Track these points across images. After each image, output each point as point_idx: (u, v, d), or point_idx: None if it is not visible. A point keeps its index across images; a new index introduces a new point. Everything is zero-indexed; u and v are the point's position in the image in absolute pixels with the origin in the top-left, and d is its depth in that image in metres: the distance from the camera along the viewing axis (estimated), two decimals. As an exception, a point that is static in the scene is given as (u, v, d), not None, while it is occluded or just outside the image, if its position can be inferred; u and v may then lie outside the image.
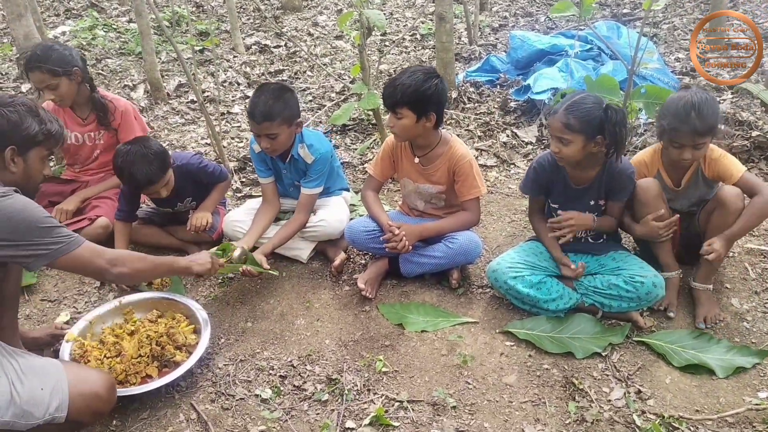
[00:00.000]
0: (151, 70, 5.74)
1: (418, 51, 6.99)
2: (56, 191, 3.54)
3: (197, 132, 5.18)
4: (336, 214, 3.21)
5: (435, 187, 2.97)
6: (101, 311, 2.68)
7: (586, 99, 2.50)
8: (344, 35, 7.58)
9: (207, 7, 8.83)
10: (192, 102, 5.81)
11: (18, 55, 3.49)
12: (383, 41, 7.41)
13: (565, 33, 5.90)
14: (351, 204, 3.53)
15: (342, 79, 5.79)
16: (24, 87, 5.99)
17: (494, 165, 4.30)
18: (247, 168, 4.41)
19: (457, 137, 2.99)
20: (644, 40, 3.61)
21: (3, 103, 2.03)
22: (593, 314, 2.68)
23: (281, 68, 6.69)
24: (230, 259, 2.78)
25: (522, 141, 4.52)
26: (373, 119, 4.73)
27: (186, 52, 6.63)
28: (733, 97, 4.49)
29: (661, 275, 2.63)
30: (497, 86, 5.32)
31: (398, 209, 3.30)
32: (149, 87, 5.92)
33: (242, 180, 4.27)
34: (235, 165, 4.42)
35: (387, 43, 7.34)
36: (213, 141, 4.32)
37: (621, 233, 2.94)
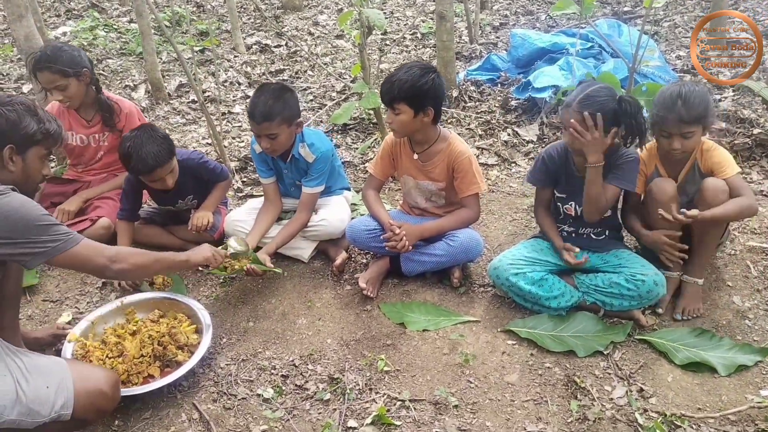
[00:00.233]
0: (152, 71, 5.75)
1: (419, 50, 6.99)
2: (58, 191, 3.55)
3: (198, 132, 5.18)
4: (337, 214, 3.21)
5: (435, 184, 2.96)
6: (103, 311, 2.68)
7: (600, 92, 2.50)
8: (345, 34, 7.57)
9: (207, 7, 8.84)
10: (193, 102, 5.82)
11: (27, 56, 3.49)
12: (384, 40, 7.41)
13: (566, 31, 5.89)
14: (352, 203, 3.53)
15: (343, 79, 5.80)
16: (26, 88, 6.00)
17: (495, 164, 4.30)
18: (248, 168, 4.41)
19: (457, 134, 2.99)
20: (645, 38, 3.61)
21: (1, 102, 2.03)
22: (595, 313, 2.68)
23: (282, 68, 6.69)
24: (230, 257, 2.78)
25: (523, 139, 4.52)
26: (374, 118, 4.73)
27: (186, 52, 6.64)
28: (735, 95, 4.48)
29: (665, 273, 2.64)
30: (498, 85, 5.31)
31: (399, 208, 3.30)
32: (150, 87, 5.93)
33: (243, 180, 4.27)
34: (236, 165, 4.43)
35: (387, 42, 7.34)
36: (214, 141, 4.33)
37: (623, 233, 2.94)
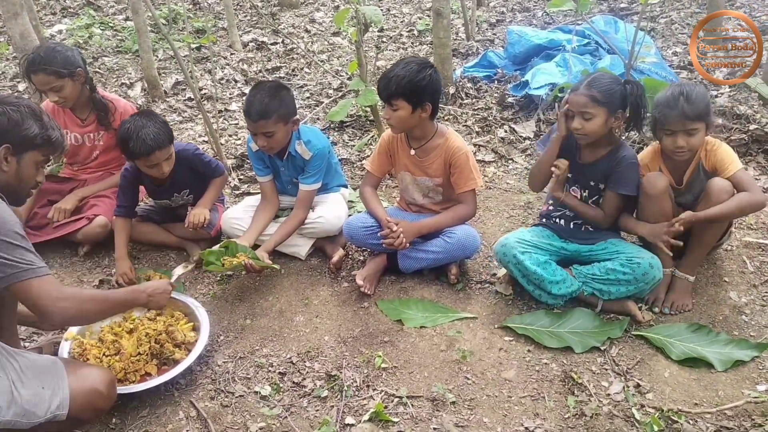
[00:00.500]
0: (148, 68, 5.73)
1: (416, 47, 6.98)
2: (54, 190, 3.54)
3: (195, 130, 5.17)
4: (334, 211, 3.21)
5: (432, 180, 2.96)
6: None
7: (605, 75, 2.61)
8: (341, 32, 7.56)
9: (203, 5, 8.82)
10: (189, 99, 5.81)
11: (20, 58, 3.47)
12: (380, 37, 7.40)
13: (563, 28, 5.90)
14: (349, 200, 3.53)
15: (339, 76, 5.79)
16: (21, 86, 5.98)
17: (492, 160, 4.30)
18: (245, 165, 4.41)
19: (454, 130, 2.99)
20: (641, 35, 3.60)
21: (7, 102, 2.03)
22: (593, 306, 2.69)
23: (278, 65, 6.68)
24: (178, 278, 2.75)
25: (520, 136, 4.52)
26: (371, 115, 4.72)
27: (183, 50, 6.63)
28: (731, 91, 4.49)
29: None
30: (495, 81, 5.31)
31: (396, 205, 3.30)
32: (146, 85, 5.91)
33: (240, 177, 4.27)
34: (233, 162, 4.42)
35: (384, 40, 7.33)
36: (210, 138, 4.32)
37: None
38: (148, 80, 5.82)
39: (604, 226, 2.80)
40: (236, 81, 6.26)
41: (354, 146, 4.62)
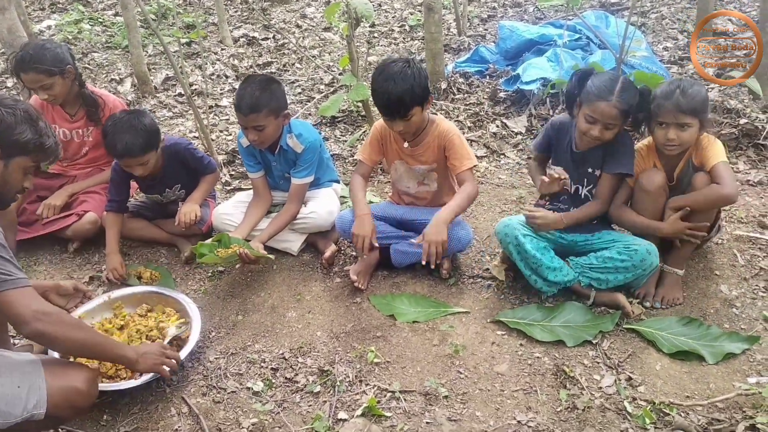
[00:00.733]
0: (138, 64, 5.70)
1: (407, 42, 6.96)
2: (44, 186, 3.50)
3: (185, 125, 5.14)
4: (326, 206, 3.20)
5: (427, 166, 2.95)
6: (90, 306, 2.65)
7: (629, 83, 2.58)
8: (332, 27, 7.53)
9: (194, 0, 8.76)
10: (180, 95, 5.77)
11: (8, 54, 3.44)
12: (372, 32, 7.38)
13: (554, 23, 5.89)
14: (341, 196, 3.52)
15: (331, 71, 5.77)
16: (9, 82, 5.93)
17: (484, 155, 4.29)
18: (236, 161, 4.39)
19: (440, 115, 2.96)
20: (632, 29, 3.61)
21: (3, 104, 2.00)
22: (585, 298, 2.70)
23: (269, 60, 6.65)
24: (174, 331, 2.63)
25: (512, 131, 4.52)
26: (363, 111, 4.71)
27: (173, 45, 6.59)
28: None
29: None
30: (486, 77, 5.30)
31: (388, 200, 3.29)
32: (136, 80, 5.88)
33: (231, 173, 4.25)
34: (224, 158, 4.40)
35: (375, 35, 7.31)
36: (201, 134, 4.30)
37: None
38: (138, 76, 5.78)
39: (603, 213, 2.77)
40: (227, 76, 6.23)
41: (346, 141, 4.60)
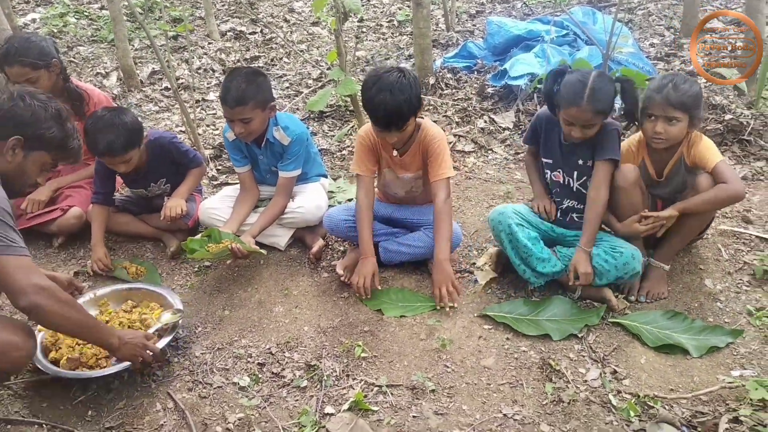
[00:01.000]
0: (124, 57, 5.64)
1: (396, 37, 6.95)
2: (28, 181, 3.46)
3: (171, 119, 5.11)
4: (314, 201, 3.19)
5: (414, 173, 2.95)
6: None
7: (603, 81, 2.51)
8: (321, 22, 7.50)
9: (181, -6, 8.69)
10: (166, 89, 5.73)
11: None
12: (360, 27, 7.36)
13: (542, 19, 5.91)
14: (329, 191, 3.51)
15: (319, 66, 5.75)
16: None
17: (472, 150, 4.30)
18: (223, 156, 4.36)
19: (430, 120, 2.95)
20: (619, 25, 3.63)
21: (37, 98, 2.02)
22: (572, 292, 2.72)
23: (257, 55, 6.62)
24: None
25: (499, 126, 4.52)
26: (351, 105, 4.70)
27: (159, 39, 6.54)
28: (706, 82, 4.53)
29: None
30: (474, 72, 5.31)
31: (376, 197, 3.28)
32: (122, 74, 5.83)
33: (218, 168, 4.23)
34: (211, 153, 4.38)
35: (364, 30, 7.29)
36: (188, 128, 4.27)
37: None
38: (124, 69, 5.73)
39: (606, 200, 2.69)
40: (214, 71, 6.19)
41: (334, 136, 4.59)
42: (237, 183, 3.34)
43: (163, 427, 2.15)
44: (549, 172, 2.87)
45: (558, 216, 2.88)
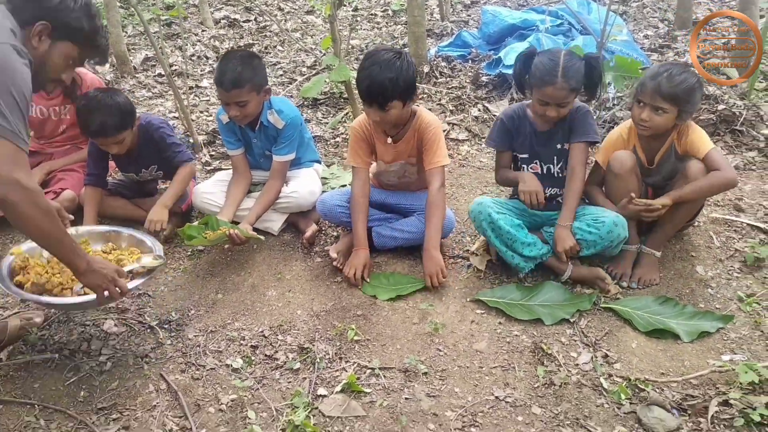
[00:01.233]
0: (117, 44, 5.61)
1: (390, 27, 6.93)
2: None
3: (165, 106, 5.09)
4: (307, 186, 3.19)
5: (407, 161, 2.94)
6: None
7: (573, 59, 2.56)
8: (315, 10, 7.47)
9: (174, -19, 8.63)
10: (159, 75, 5.70)
11: None
12: (355, 16, 7.34)
13: (536, 8, 5.91)
14: (322, 177, 3.50)
15: (313, 53, 5.73)
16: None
17: (466, 139, 4.31)
18: (216, 141, 4.35)
19: (425, 108, 2.95)
20: (613, 16, 3.63)
21: None
22: (561, 272, 2.73)
23: (251, 42, 6.59)
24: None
25: (493, 115, 4.52)
26: (345, 93, 4.68)
27: (153, 26, 6.49)
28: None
29: (622, 247, 2.73)
30: (469, 61, 5.31)
31: (370, 182, 3.27)
32: (115, 61, 5.78)
33: (212, 153, 4.21)
34: (204, 138, 4.36)
35: (358, 19, 7.27)
36: (181, 114, 4.25)
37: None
38: (117, 55, 5.69)
39: (584, 182, 2.76)
40: (207, 58, 6.17)
41: (328, 123, 4.58)
42: (230, 168, 3.32)
43: (156, 408, 2.15)
44: (526, 167, 2.88)
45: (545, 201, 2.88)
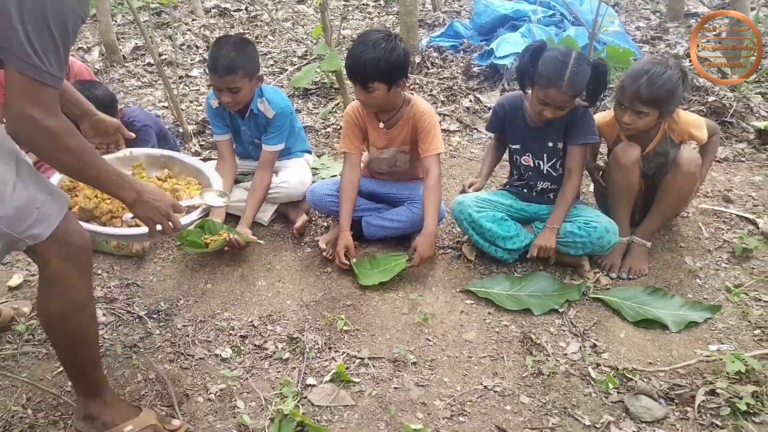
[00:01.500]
0: (107, 32, 5.56)
1: (382, 17, 6.91)
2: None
3: (154, 95, 5.05)
4: (298, 176, 3.17)
5: (400, 148, 2.93)
6: (109, 158, 2.27)
7: (582, 65, 2.47)
8: (306, 0, 7.44)
9: (164, -31, 8.55)
10: (149, 65, 5.66)
11: None
12: (346, 6, 7.30)
13: (529, -1, 5.89)
14: (313, 167, 3.49)
15: (304, 43, 5.70)
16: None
17: (457, 129, 4.30)
18: (206, 131, 4.32)
19: (419, 96, 2.95)
20: (605, 6, 3.62)
21: None
22: (547, 260, 2.76)
23: (241, 32, 6.55)
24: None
25: (485, 106, 4.52)
26: (336, 83, 4.66)
27: (143, 15, 6.44)
28: (690, 65, 4.55)
29: None
30: (461, 52, 5.30)
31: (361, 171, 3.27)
32: (104, 50, 5.74)
33: (201, 143, 4.19)
34: (194, 128, 4.33)
35: (350, 9, 7.23)
36: (171, 104, 4.22)
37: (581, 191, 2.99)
38: (107, 44, 5.65)
39: (580, 184, 2.76)
40: (197, 47, 6.12)
41: (318, 113, 4.56)
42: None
43: (144, 398, 2.14)
44: (518, 157, 2.87)
45: (534, 195, 2.89)
